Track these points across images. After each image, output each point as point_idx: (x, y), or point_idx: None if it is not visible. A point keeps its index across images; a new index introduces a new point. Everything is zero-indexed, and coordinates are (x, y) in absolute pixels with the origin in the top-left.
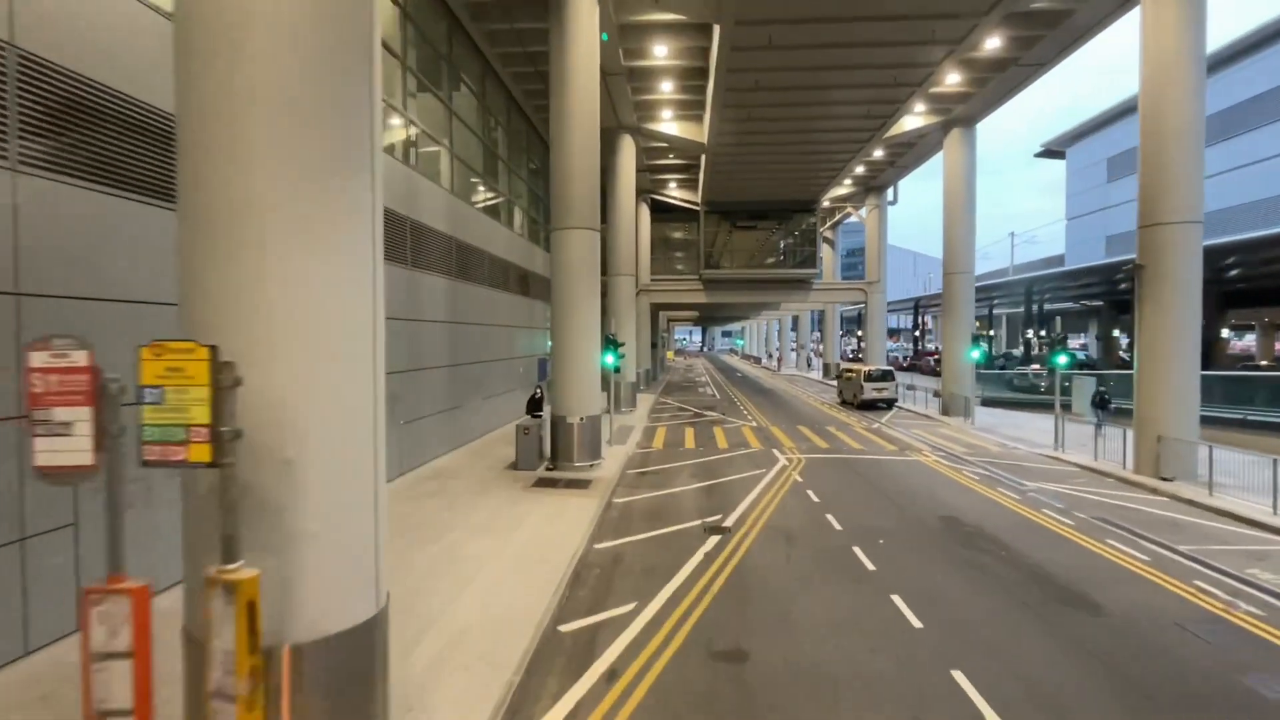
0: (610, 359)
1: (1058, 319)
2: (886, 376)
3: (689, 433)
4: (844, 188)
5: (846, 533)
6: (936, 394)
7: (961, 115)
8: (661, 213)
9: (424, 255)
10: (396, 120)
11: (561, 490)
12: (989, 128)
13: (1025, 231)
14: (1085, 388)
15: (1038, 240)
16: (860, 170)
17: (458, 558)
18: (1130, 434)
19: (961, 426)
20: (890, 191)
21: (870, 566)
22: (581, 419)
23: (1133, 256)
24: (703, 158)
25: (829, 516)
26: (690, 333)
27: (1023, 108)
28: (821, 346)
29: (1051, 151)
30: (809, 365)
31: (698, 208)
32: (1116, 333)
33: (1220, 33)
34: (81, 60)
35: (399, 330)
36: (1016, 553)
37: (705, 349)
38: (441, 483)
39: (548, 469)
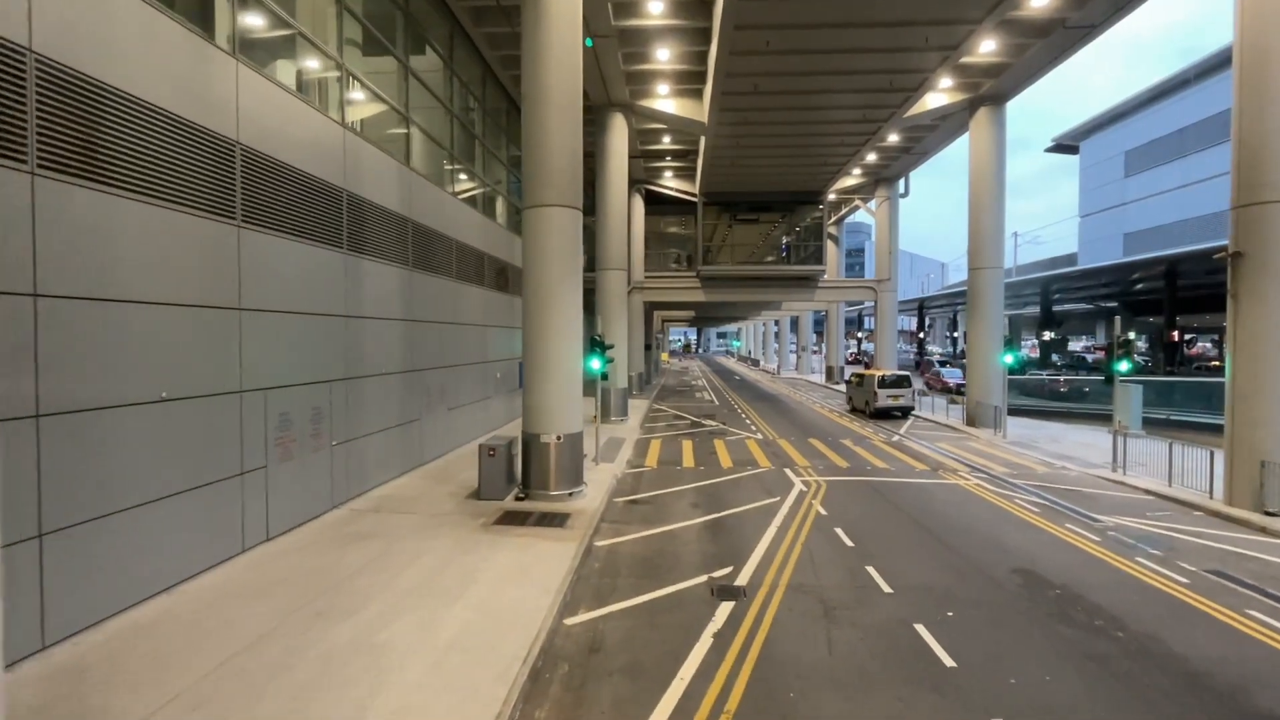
0: (596, 363)
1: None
2: (902, 382)
3: (687, 447)
4: (852, 178)
5: (899, 597)
6: (953, 400)
7: (990, 92)
8: (657, 205)
9: (367, 238)
10: (314, 63)
11: (531, 529)
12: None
13: (1028, 231)
14: (1130, 397)
15: (1041, 240)
16: (872, 158)
17: (365, 648)
18: (1203, 454)
19: (993, 440)
20: (901, 183)
21: (948, 661)
22: (559, 437)
23: (1156, 253)
24: (701, 142)
25: (870, 570)
26: (686, 333)
27: (1022, 104)
28: (824, 349)
29: (1064, 146)
30: (811, 369)
31: (695, 199)
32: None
33: None
34: None
35: (327, 330)
36: (1137, 634)
37: (700, 350)
38: (381, 519)
39: (518, 498)
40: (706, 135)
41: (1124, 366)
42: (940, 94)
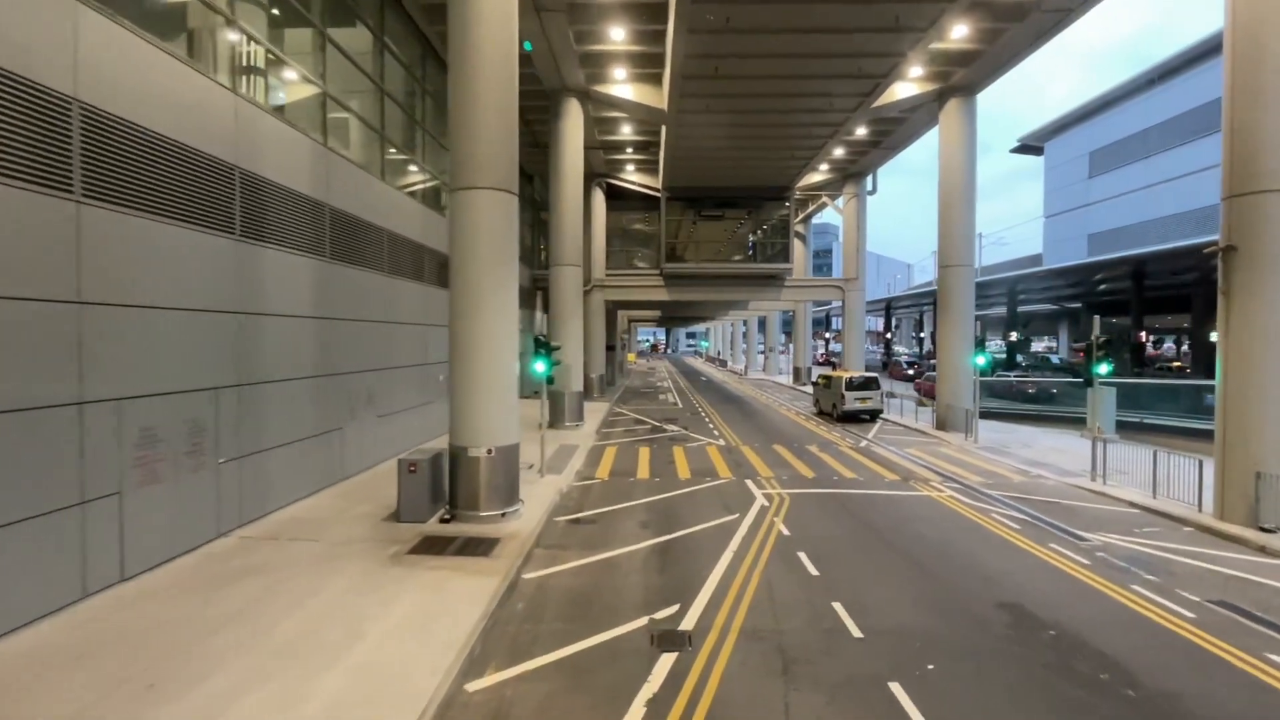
0: (541, 366)
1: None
2: (870, 385)
3: (644, 455)
4: (820, 174)
5: (871, 644)
6: (920, 403)
7: (961, 82)
8: (619, 200)
9: (269, 224)
10: (197, 18)
11: (450, 560)
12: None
13: (992, 233)
14: (1104, 400)
15: (1006, 242)
16: (840, 153)
17: None
18: (1187, 462)
19: (964, 446)
20: (870, 180)
21: None
22: (490, 451)
23: (1116, 254)
24: (663, 133)
25: (837, 608)
26: (655, 334)
27: (983, 109)
28: (791, 349)
29: (1029, 147)
30: (778, 369)
31: (658, 194)
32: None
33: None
34: None
35: (213, 328)
36: (1152, 692)
37: (669, 351)
38: (277, 549)
39: (443, 519)
40: (667, 124)
41: (1104, 369)
42: (910, 84)
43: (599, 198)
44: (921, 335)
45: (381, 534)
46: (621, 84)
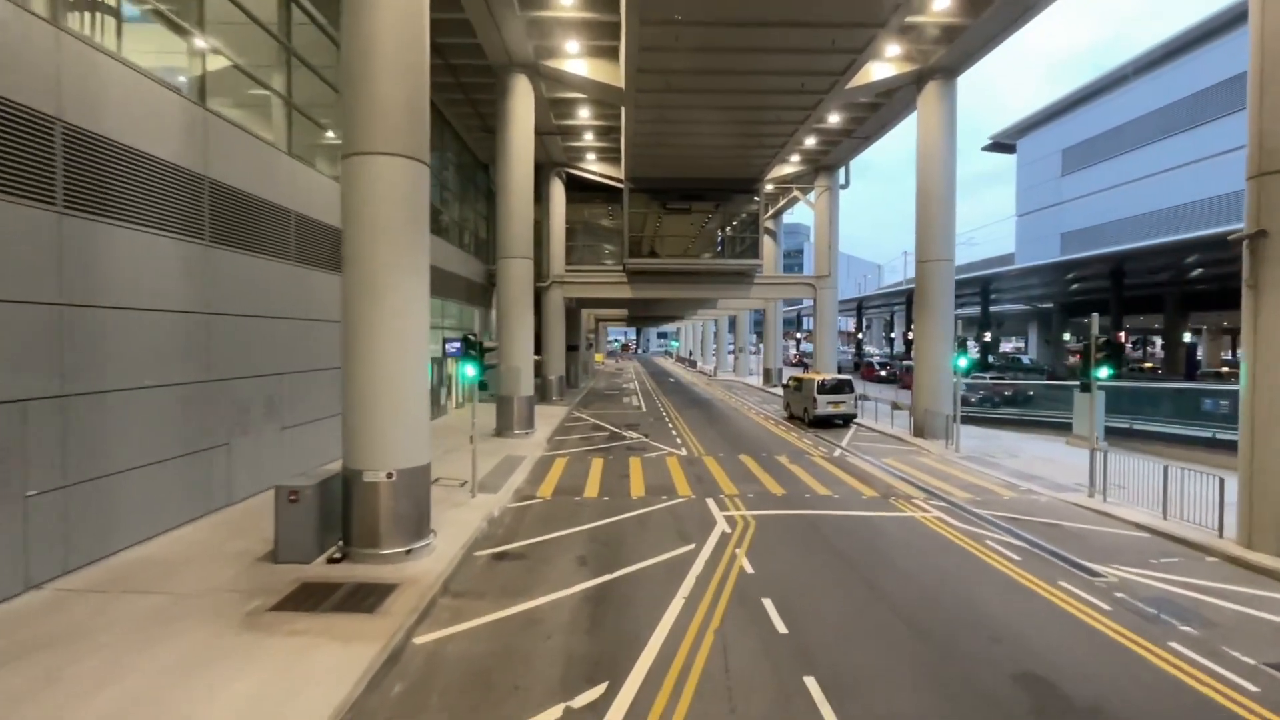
0: (472, 370)
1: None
2: (843, 388)
3: (596, 468)
4: (790, 165)
5: None
6: (895, 406)
7: (941, 63)
8: (580, 191)
9: (113, 195)
10: None
11: (324, 617)
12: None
13: (962, 233)
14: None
15: (975, 242)
16: (811, 143)
17: None
18: (1199, 478)
19: (945, 455)
20: (842, 173)
21: None
22: (391, 475)
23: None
24: (623, 116)
25: (811, 688)
26: (626, 334)
27: None
28: (761, 350)
29: (1000, 145)
30: (748, 370)
31: (621, 185)
32: (1066, 336)
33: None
34: None
35: (16, 324)
36: None
37: (640, 351)
38: (101, 605)
39: (333, 559)
40: (626, 106)
41: (1104, 373)
42: (887, 64)
43: (558, 188)
44: (892, 335)
45: (249, 580)
46: (575, 59)
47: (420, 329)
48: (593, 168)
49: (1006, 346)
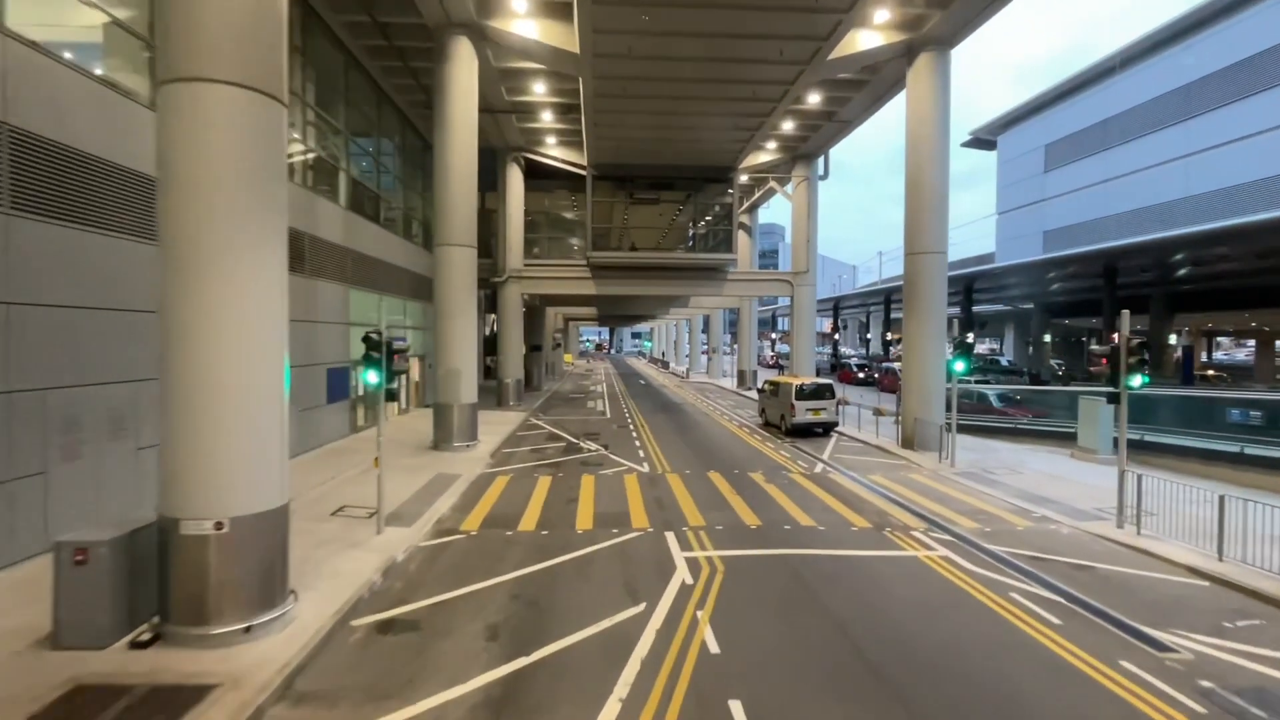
0: (374, 376)
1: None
2: (824, 393)
3: (540, 491)
4: (767, 153)
5: None
6: (878, 412)
7: (935, 32)
8: (540, 179)
9: None
10: None
11: None
12: (877, 133)
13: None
14: (1098, 414)
15: (952, 242)
16: (789, 127)
17: None
18: (1247, 507)
19: (940, 472)
20: (821, 162)
21: None
22: (221, 525)
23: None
24: (582, 90)
25: None
26: (600, 333)
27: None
28: (735, 351)
29: (980, 140)
30: (722, 372)
31: (583, 172)
32: (1047, 337)
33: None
34: None
35: None
36: None
37: (613, 351)
38: None
39: (139, 642)
40: (584, 76)
41: (1138, 381)
42: (875, 32)
43: (515, 175)
44: (868, 336)
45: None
46: (523, 19)
47: (271, 325)
48: (553, 153)
49: (981, 348)
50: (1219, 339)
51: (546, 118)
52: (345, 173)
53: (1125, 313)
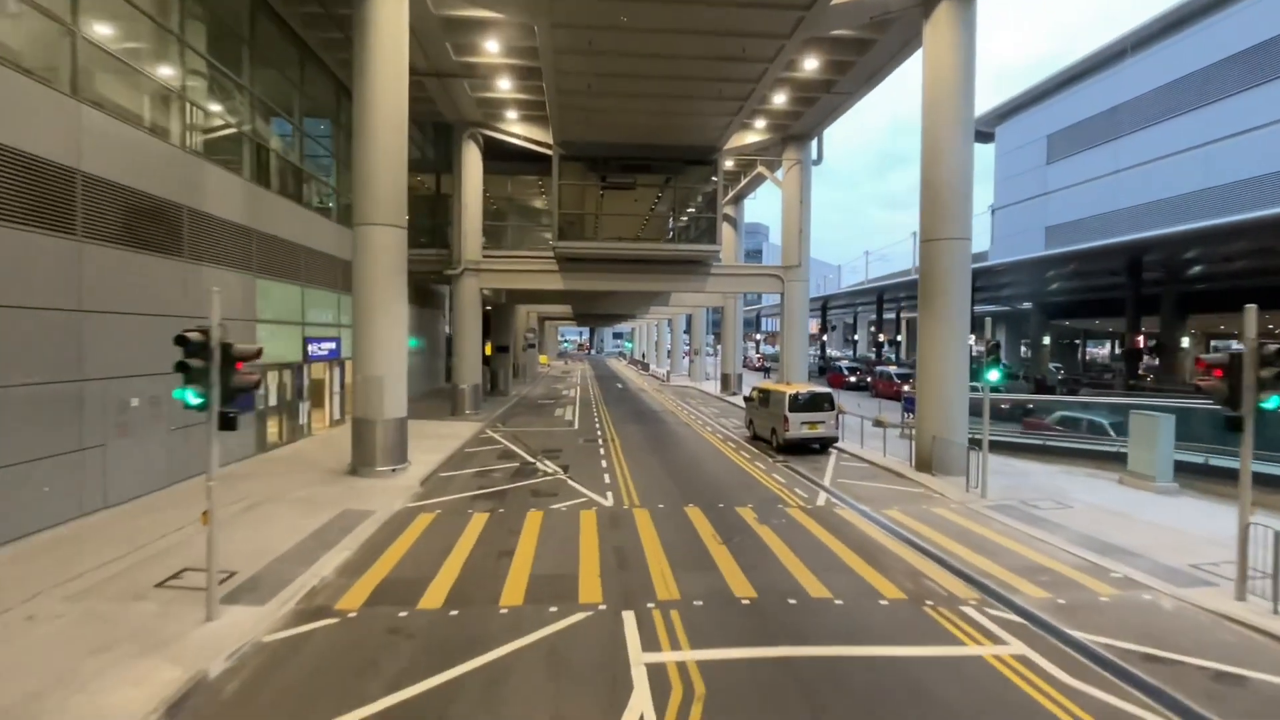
0: (194, 397)
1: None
2: (821, 403)
3: (468, 536)
4: (755, 133)
5: None
6: (879, 423)
7: None
8: (504, 161)
9: None
10: None
11: None
12: (838, 142)
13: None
14: (1159, 432)
15: None
16: (780, 100)
17: None
18: None
19: (970, 505)
20: (814, 145)
21: None
22: None
23: None
24: (540, 49)
25: None
26: (581, 333)
27: (900, 121)
28: (719, 352)
29: (978, 133)
30: (705, 375)
31: (549, 151)
32: (1046, 340)
33: None
34: None
35: None
36: None
37: (593, 352)
38: None
39: None
40: (540, 23)
41: (1276, 401)
42: None
43: (473, 155)
44: (855, 338)
45: None
46: None
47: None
48: (516, 129)
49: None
50: (1230, 342)
51: (505, 86)
52: (251, 140)
53: (1252, 308)
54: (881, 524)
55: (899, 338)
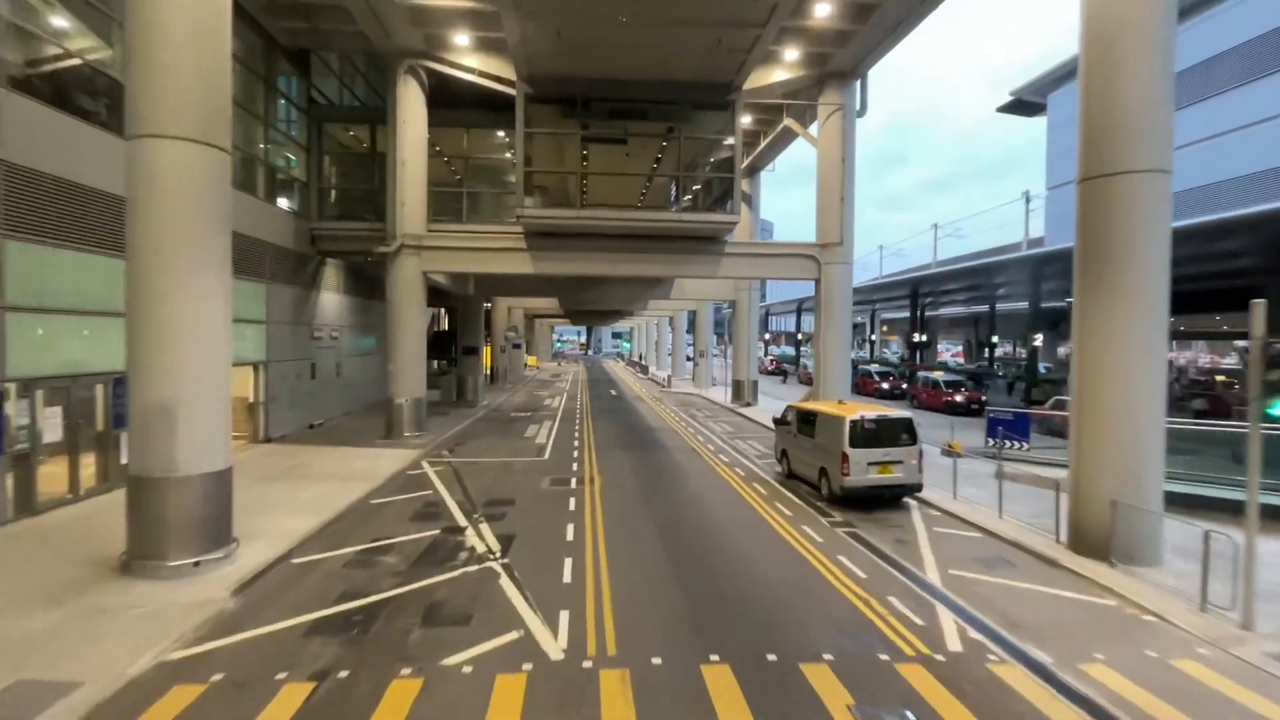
0: None
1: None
2: (899, 434)
3: None
4: (785, 67)
5: None
6: (949, 449)
7: None
8: (456, 108)
9: None
10: None
11: None
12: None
13: (947, 224)
14: None
15: (963, 234)
16: (820, 15)
17: None
18: None
19: (1224, 643)
20: (858, 88)
21: None
22: None
23: None
24: None
25: None
26: (579, 333)
27: (894, 121)
28: (729, 353)
29: (1024, 103)
30: (711, 379)
31: (512, 90)
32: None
33: None
34: None
35: None
36: None
37: (590, 353)
38: None
39: None
40: None
41: None
42: None
43: (414, 97)
44: (872, 338)
45: None
46: None
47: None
48: (469, 61)
49: (945, 354)
50: None
51: None
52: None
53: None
54: (1104, 714)
55: (921, 337)
